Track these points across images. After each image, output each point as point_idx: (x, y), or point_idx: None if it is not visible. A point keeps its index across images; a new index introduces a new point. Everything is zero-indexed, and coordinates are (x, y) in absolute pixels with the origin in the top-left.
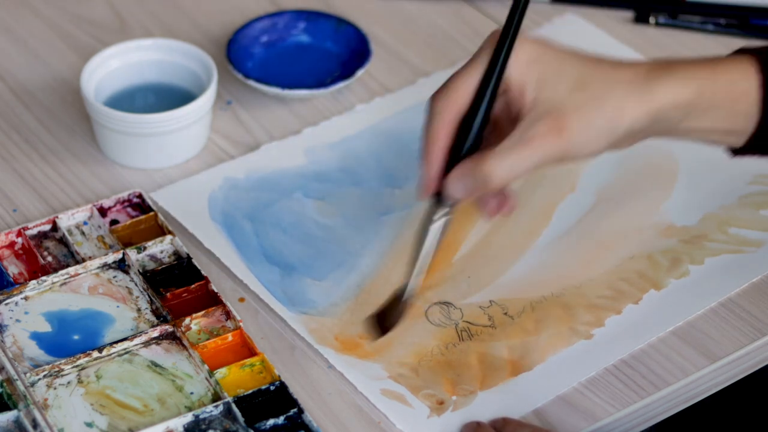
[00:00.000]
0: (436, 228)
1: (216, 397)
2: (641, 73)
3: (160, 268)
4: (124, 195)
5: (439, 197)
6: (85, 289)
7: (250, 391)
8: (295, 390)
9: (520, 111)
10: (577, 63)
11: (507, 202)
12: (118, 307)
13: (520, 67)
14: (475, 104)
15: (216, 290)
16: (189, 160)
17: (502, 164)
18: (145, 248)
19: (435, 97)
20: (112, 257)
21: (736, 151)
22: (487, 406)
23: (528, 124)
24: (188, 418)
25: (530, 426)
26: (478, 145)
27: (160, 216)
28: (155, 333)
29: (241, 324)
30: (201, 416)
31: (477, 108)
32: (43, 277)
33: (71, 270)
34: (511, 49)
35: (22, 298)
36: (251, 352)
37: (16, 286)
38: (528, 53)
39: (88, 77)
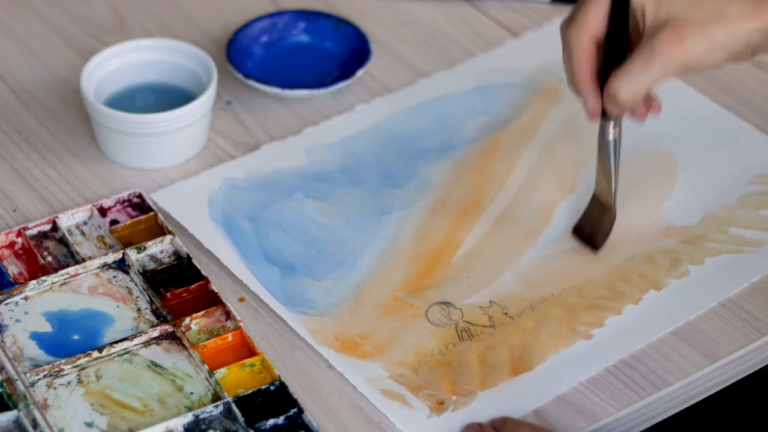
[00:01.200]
0: (611, 141)
1: (216, 397)
2: None
3: (160, 268)
4: (124, 195)
5: (605, 115)
6: (85, 289)
7: (250, 391)
8: (295, 390)
9: (643, 30)
10: None
11: (653, 104)
12: (118, 307)
13: None
14: (612, 26)
15: (216, 290)
16: (189, 160)
17: (626, 81)
18: (145, 248)
19: (567, 28)
20: (112, 257)
21: None
22: (487, 406)
23: (649, 37)
24: (188, 418)
25: (529, 425)
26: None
27: (160, 216)
28: (155, 333)
29: (241, 324)
30: (201, 416)
31: (614, 29)
32: (43, 277)
33: (71, 270)
34: None
35: (22, 298)
36: (251, 352)
37: (16, 286)
38: None
39: (88, 77)
